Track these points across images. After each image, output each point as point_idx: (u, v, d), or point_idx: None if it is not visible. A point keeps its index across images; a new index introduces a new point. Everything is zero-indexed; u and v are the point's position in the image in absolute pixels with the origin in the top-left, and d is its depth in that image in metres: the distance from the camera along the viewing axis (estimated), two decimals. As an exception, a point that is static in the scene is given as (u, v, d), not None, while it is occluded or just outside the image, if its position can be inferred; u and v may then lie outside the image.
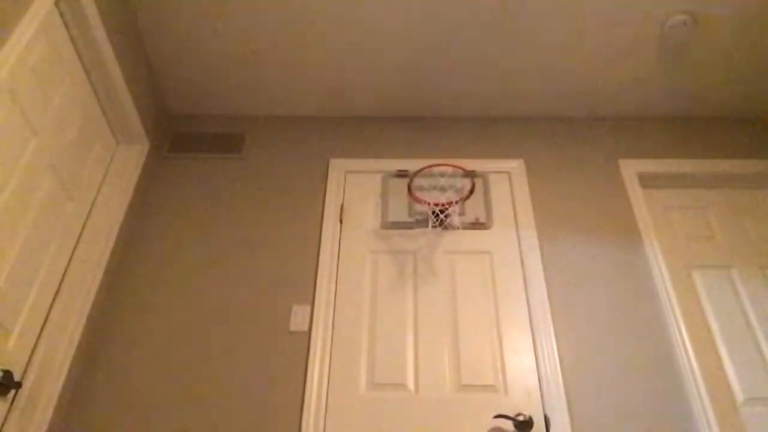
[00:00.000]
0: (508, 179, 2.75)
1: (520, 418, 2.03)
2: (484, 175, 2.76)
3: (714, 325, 2.39)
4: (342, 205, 2.66)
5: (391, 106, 2.98)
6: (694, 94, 2.89)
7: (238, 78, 2.83)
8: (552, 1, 2.46)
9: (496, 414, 2.07)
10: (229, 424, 2.08)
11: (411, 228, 2.59)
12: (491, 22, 2.54)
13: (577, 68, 2.76)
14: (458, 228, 2.53)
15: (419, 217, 2.61)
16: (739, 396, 2.23)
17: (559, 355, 2.22)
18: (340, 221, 2.61)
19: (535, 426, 2.04)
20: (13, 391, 1.82)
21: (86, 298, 2.19)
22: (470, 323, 2.31)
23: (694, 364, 2.20)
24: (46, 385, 1.95)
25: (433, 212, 2.53)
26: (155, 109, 2.85)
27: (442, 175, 2.70)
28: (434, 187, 2.68)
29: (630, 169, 2.78)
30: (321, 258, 2.47)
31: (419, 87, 2.87)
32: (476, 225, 2.59)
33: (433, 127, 2.97)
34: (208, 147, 2.88)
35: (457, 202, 2.57)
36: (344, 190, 2.72)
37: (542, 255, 2.48)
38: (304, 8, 2.50)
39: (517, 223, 2.58)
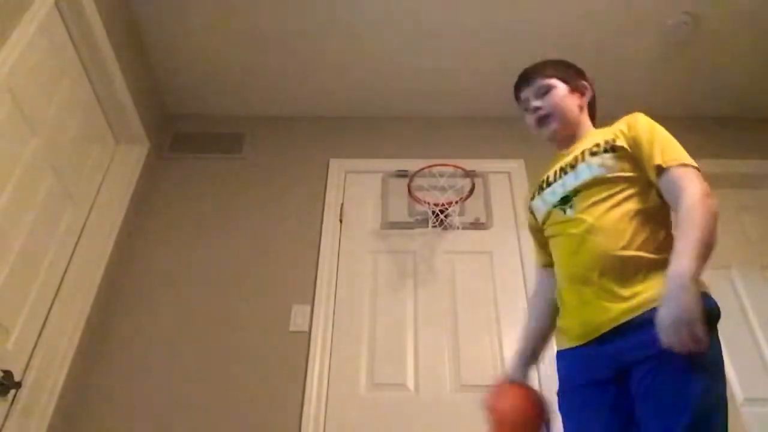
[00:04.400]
0: (508, 179, 2.75)
1: (520, 418, 2.03)
2: (484, 175, 2.75)
3: (714, 325, 2.39)
4: (342, 205, 2.66)
5: (391, 106, 2.98)
6: (693, 94, 2.89)
7: (238, 78, 2.83)
8: (552, 2, 2.46)
9: (496, 414, 2.06)
10: (229, 424, 2.08)
11: (411, 228, 2.59)
12: (490, 22, 2.54)
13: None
14: (458, 228, 2.53)
15: (419, 217, 2.61)
16: (739, 396, 2.23)
17: (559, 355, 2.21)
18: (340, 221, 2.61)
19: (535, 426, 2.03)
20: (13, 391, 1.81)
21: (86, 298, 2.19)
22: (470, 323, 2.31)
23: (694, 364, 2.20)
24: (46, 385, 1.95)
25: (433, 212, 2.53)
26: (155, 109, 2.85)
27: (442, 175, 2.70)
28: (434, 187, 2.68)
29: (630, 169, 2.77)
30: (321, 258, 2.47)
31: (420, 87, 2.87)
32: (476, 225, 2.59)
33: (433, 127, 2.97)
34: (208, 147, 2.88)
35: (457, 202, 2.57)
36: (344, 190, 2.72)
37: (542, 255, 2.47)
38: (305, 8, 2.50)
39: (517, 223, 2.58)
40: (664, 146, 1.27)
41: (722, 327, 2.51)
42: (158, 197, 2.68)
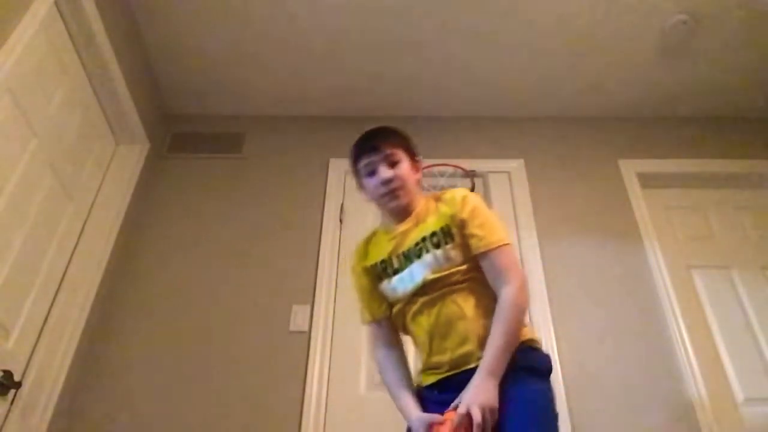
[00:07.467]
0: (508, 179, 2.75)
1: (520, 418, 2.02)
2: (484, 175, 2.75)
3: (714, 325, 2.39)
4: (342, 205, 2.66)
5: (390, 106, 2.97)
6: (693, 94, 2.89)
7: (238, 78, 2.82)
8: (551, 2, 2.46)
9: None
10: (229, 424, 2.08)
11: (411, 228, 2.58)
12: (491, 22, 2.54)
13: (576, 68, 2.76)
14: (458, 228, 2.52)
15: (419, 217, 2.61)
16: (739, 396, 2.23)
17: (558, 355, 2.22)
18: (340, 221, 2.61)
19: (535, 426, 2.03)
20: (13, 391, 1.81)
21: (86, 298, 2.19)
22: (470, 323, 2.30)
23: (694, 364, 2.20)
24: (46, 385, 1.95)
25: (433, 212, 2.53)
26: (155, 109, 2.85)
27: (442, 175, 2.69)
28: (434, 187, 2.67)
29: (630, 169, 2.78)
30: (321, 258, 2.47)
31: (419, 87, 2.87)
32: (476, 225, 2.58)
33: (433, 127, 2.97)
34: (208, 147, 2.88)
35: (457, 202, 2.56)
36: (344, 190, 2.71)
37: (542, 255, 2.48)
38: (305, 9, 2.49)
39: (517, 223, 2.58)
40: (485, 227, 1.33)
41: (722, 327, 2.51)
42: (158, 197, 2.68)
